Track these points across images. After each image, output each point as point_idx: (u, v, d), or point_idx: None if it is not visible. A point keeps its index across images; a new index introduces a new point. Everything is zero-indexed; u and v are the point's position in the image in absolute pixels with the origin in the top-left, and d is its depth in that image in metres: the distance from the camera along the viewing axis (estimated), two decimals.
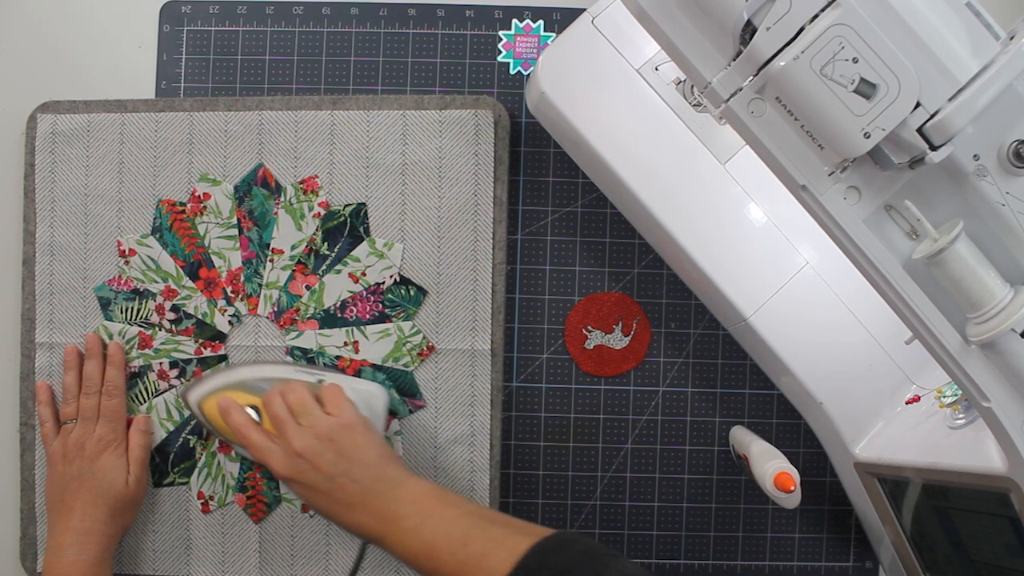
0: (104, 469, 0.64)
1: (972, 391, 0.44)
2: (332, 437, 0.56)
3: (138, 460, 0.66)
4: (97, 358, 0.67)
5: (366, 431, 0.57)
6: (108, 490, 0.63)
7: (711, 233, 0.62)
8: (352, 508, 0.54)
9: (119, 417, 0.66)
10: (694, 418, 0.70)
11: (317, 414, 0.58)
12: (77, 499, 0.63)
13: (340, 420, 0.57)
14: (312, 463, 0.55)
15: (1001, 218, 0.41)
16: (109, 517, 0.63)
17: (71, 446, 0.64)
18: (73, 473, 0.63)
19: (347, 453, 0.56)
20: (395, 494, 0.54)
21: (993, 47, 0.39)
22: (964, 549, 0.56)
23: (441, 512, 0.53)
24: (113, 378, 0.66)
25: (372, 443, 0.57)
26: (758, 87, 0.40)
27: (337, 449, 0.56)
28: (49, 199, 0.68)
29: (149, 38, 0.70)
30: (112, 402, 0.66)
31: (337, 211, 0.68)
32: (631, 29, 0.60)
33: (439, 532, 0.52)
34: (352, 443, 0.56)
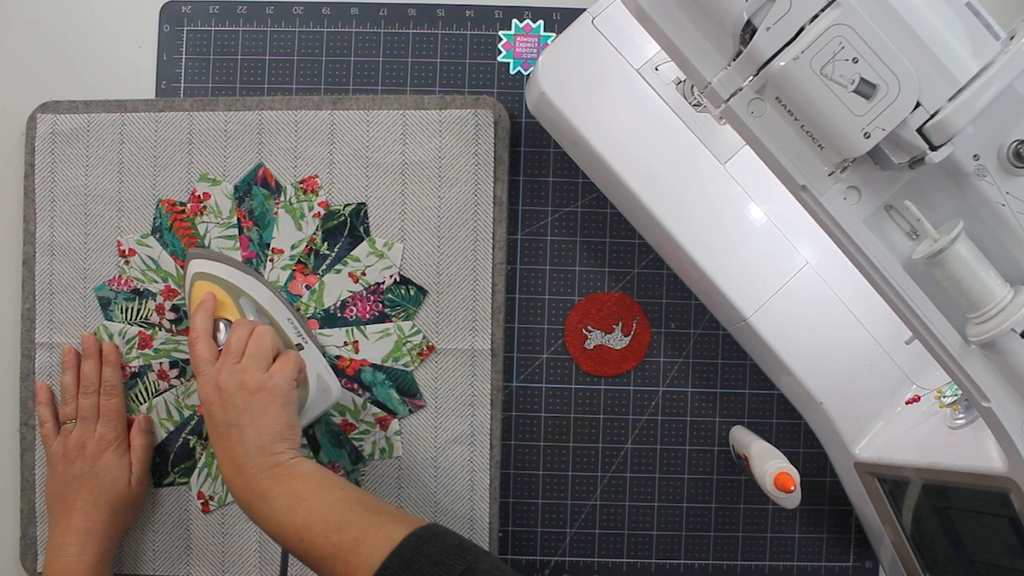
0: (106, 469, 0.64)
1: (972, 391, 0.44)
2: (252, 391, 0.56)
3: (140, 460, 0.66)
4: (94, 358, 0.67)
5: (283, 405, 0.56)
6: (110, 490, 0.63)
7: (711, 233, 0.62)
8: (233, 466, 0.54)
9: (119, 416, 0.66)
10: (694, 418, 0.70)
11: (259, 365, 0.57)
12: (78, 499, 0.63)
13: (268, 381, 0.57)
14: (221, 403, 0.56)
15: (1001, 218, 0.41)
16: (111, 517, 0.63)
17: (72, 446, 0.64)
18: (74, 473, 0.63)
19: (251, 412, 0.55)
20: (273, 471, 0.54)
21: (993, 47, 0.39)
22: (964, 549, 0.56)
23: (317, 496, 0.53)
24: (110, 377, 0.66)
25: (280, 418, 0.56)
26: (758, 87, 0.40)
27: (247, 404, 0.55)
28: (49, 199, 0.68)
29: (149, 38, 0.70)
30: (111, 401, 0.66)
31: (337, 211, 0.68)
32: (631, 29, 0.60)
33: (314, 515, 0.51)
34: (263, 408, 0.55)
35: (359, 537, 0.50)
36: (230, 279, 0.64)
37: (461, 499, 0.68)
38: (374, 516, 0.52)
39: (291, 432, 0.56)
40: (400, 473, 0.68)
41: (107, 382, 0.66)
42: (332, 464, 0.68)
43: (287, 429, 0.56)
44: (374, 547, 0.49)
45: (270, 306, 0.64)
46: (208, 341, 0.59)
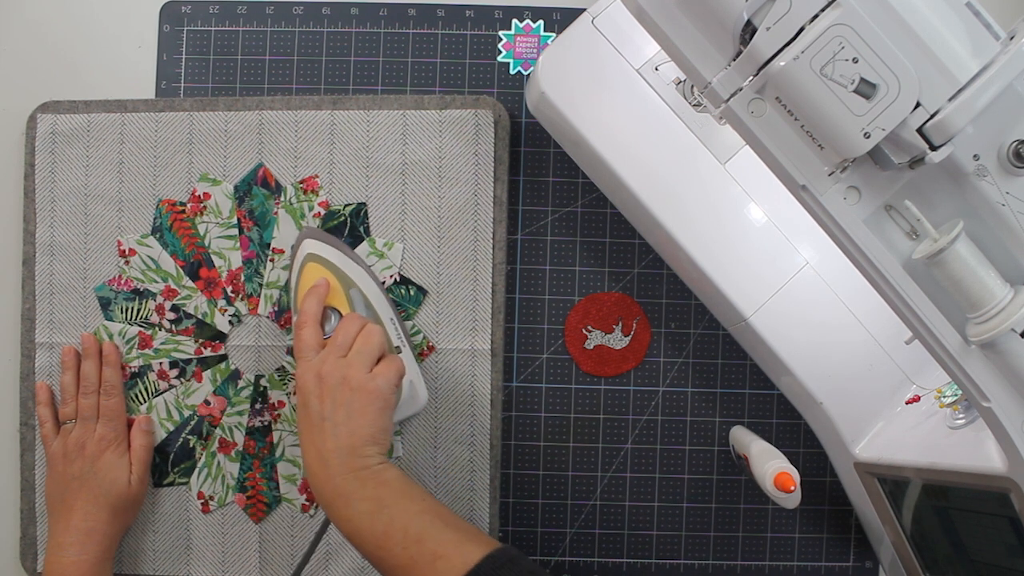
0: (106, 468, 0.64)
1: (972, 391, 0.44)
2: (353, 389, 0.55)
3: (140, 460, 0.66)
4: (94, 358, 0.67)
5: (382, 409, 0.56)
6: (110, 490, 0.63)
7: (711, 233, 0.62)
8: (319, 460, 0.54)
9: (119, 416, 0.66)
10: (694, 418, 0.70)
11: (364, 363, 0.57)
12: (78, 499, 0.63)
13: (371, 383, 0.56)
14: (320, 393, 0.55)
15: (1001, 218, 0.41)
16: (111, 517, 0.63)
17: (71, 446, 0.64)
18: (74, 473, 0.63)
19: (349, 410, 0.55)
20: (360, 473, 0.54)
21: (993, 47, 0.39)
22: (964, 549, 0.56)
23: (399, 505, 0.53)
24: (110, 377, 0.66)
25: (376, 422, 0.56)
26: (758, 87, 0.40)
27: (347, 401, 0.55)
28: (49, 199, 0.68)
29: (149, 38, 0.70)
30: (111, 401, 0.66)
31: (337, 211, 0.68)
32: (631, 29, 0.60)
33: (395, 524, 0.52)
34: (361, 408, 0.55)
35: (437, 552, 0.50)
36: (343, 268, 0.63)
37: (461, 499, 0.68)
38: (453, 533, 0.52)
39: (384, 436, 0.56)
40: None
41: (107, 382, 0.66)
42: None
43: (380, 433, 0.56)
44: (450, 565, 0.49)
45: (377, 303, 0.64)
46: (316, 328, 0.59)
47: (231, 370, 0.68)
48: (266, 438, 0.68)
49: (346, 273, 0.63)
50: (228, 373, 0.68)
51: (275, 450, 0.68)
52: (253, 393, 0.68)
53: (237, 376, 0.68)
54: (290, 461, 0.68)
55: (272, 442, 0.68)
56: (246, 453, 0.68)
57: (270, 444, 0.68)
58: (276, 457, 0.68)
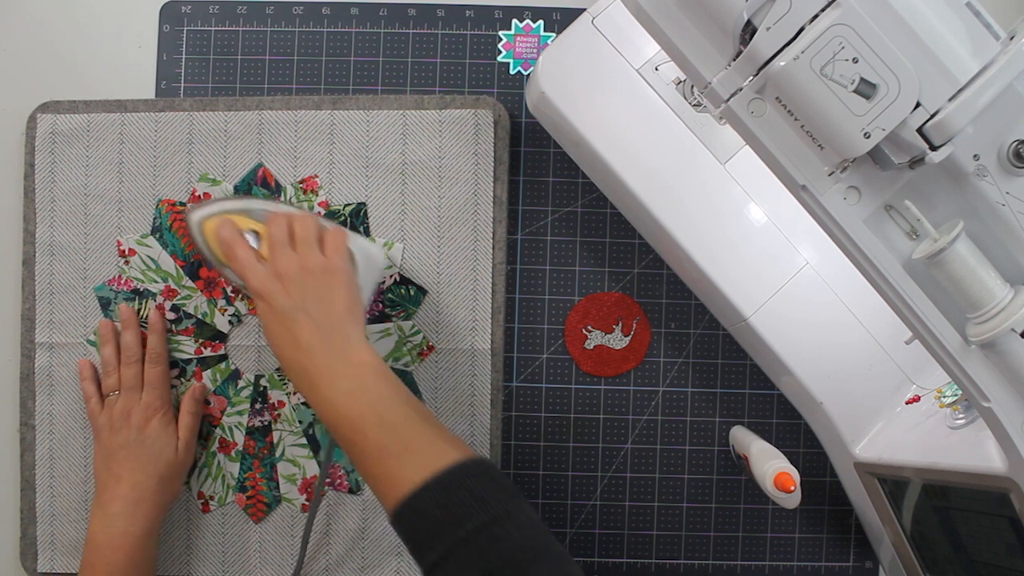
0: (153, 436, 0.63)
1: (972, 391, 0.44)
2: (314, 273, 0.55)
3: (188, 427, 0.65)
4: (134, 328, 0.66)
5: (347, 283, 0.56)
6: (158, 457, 0.63)
7: (711, 233, 0.62)
8: (300, 348, 0.53)
9: (164, 384, 0.65)
10: (694, 418, 0.70)
11: (313, 248, 0.57)
12: (124, 467, 0.62)
13: (329, 262, 0.56)
14: (286, 288, 0.55)
15: (1001, 218, 0.41)
16: (159, 485, 0.62)
17: (117, 416, 0.63)
18: (120, 442, 0.63)
19: (320, 293, 0.55)
20: (344, 348, 0.53)
21: (993, 47, 0.39)
22: (964, 549, 0.56)
23: (381, 389, 0.52)
24: (155, 345, 0.66)
25: (347, 296, 0.55)
26: (758, 87, 0.40)
27: (313, 286, 0.55)
28: (49, 199, 0.68)
29: (149, 38, 0.70)
30: (156, 369, 0.65)
31: (337, 211, 0.68)
32: (631, 29, 0.60)
33: (374, 407, 0.51)
34: (327, 286, 0.55)
35: (409, 446, 0.49)
36: (233, 206, 0.62)
37: None
38: (430, 429, 0.51)
39: (357, 308, 0.56)
40: None
41: (152, 350, 0.65)
42: (333, 464, 0.68)
43: (354, 306, 0.56)
44: (420, 462, 0.48)
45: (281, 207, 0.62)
46: (246, 246, 0.58)
47: (231, 370, 0.68)
48: (266, 438, 0.68)
49: (235, 207, 0.62)
50: (228, 373, 0.68)
51: (275, 450, 0.68)
52: (253, 393, 0.68)
53: (237, 376, 0.68)
54: (290, 461, 0.68)
55: (272, 442, 0.68)
56: (246, 453, 0.68)
57: (270, 444, 0.68)
58: (276, 457, 0.68)
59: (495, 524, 0.46)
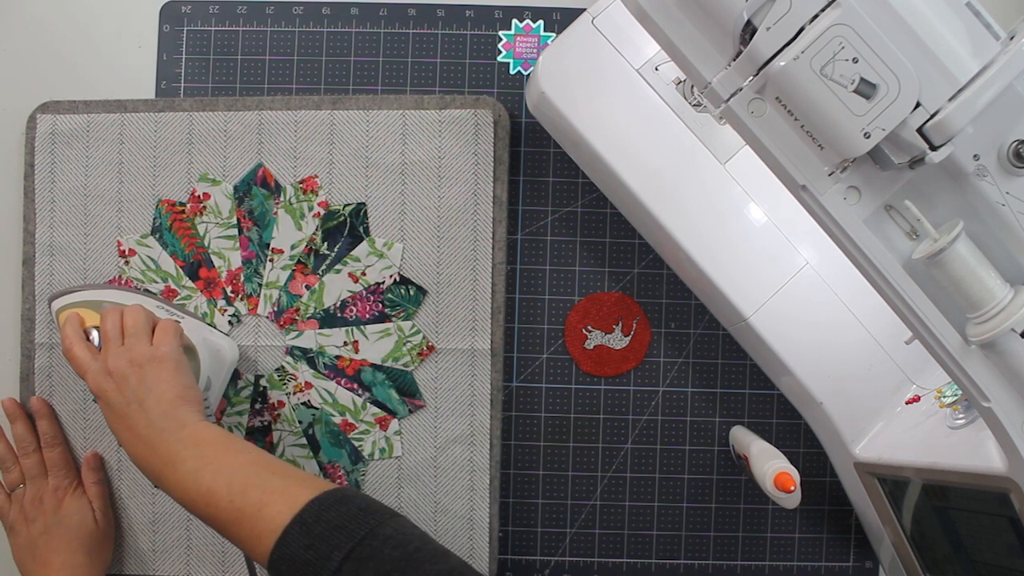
0: (71, 513, 0.64)
1: (972, 391, 0.44)
2: (142, 364, 0.56)
3: (98, 496, 0.66)
4: (22, 419, 0.66)
5: (175, 368, 0.57)
6: (80, 532, 0.63)
7: (711, 233, 0.62)
8: (139, 440, 0.54)
9: (67, 464, 0.66)
10: (694, 418, 0.70)
11: (142, 340, 0.58)
12: (52, 552, 0.62)
13: (155, 351, 0.57)
14: (117, 384, 0.56)
15: (1001, 218, 0.41)
16: (88, 560, 0.63)
17: (29, 506, 0.64)
18: (40, 530, 0.63)
19: (148, 383, 0.55)
20: (179, 434, 0.53)
21: (993, 47, 0.39)
22: (964, 549, 0.56)
23: (223, 459, 0.52)
24: (48, 429, 0.66)
25: (176, 382, 0.56)
26: (758, 87, 0.40)
27: (141, 377, 0.56)
28: (49, 199, 0.68)
29: (149, 38, 0.70)
30: (55, 452, 0.65)
31: (337, 211, 0.68)
32: (631, 29, 0.60)
33: (219, 479, 0.51)
34: (156, 376, 0.56)
35: (263, 500, 0.49)
36: (90, 297, 0.64)
37: (461, 499, 0.68)
38: (280, 480, 0.51)
39: (191, 393, 0.57)
40: (400, 473, 0.68)
41: (45, 435, 0.66)
42: (332, 464, 0.68)
43: (186, 391, 0.56)
44: (276, 511, 0.48)
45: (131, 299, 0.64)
46: (83, 343, 0.59)
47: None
48: (266, 438, 0.68)
49: (93, 300, 0.64)
50: None
51: (275, 450, 0.68)
52: (253, 393, 0.68)
53: (237, 376, 0.68)
54: (290, 461, 0.68)
55: (272, 442, 0.68)
56: None
57: (270, 444, 0.68)
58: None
59: (361, 546, 0.46)
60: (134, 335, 0.58)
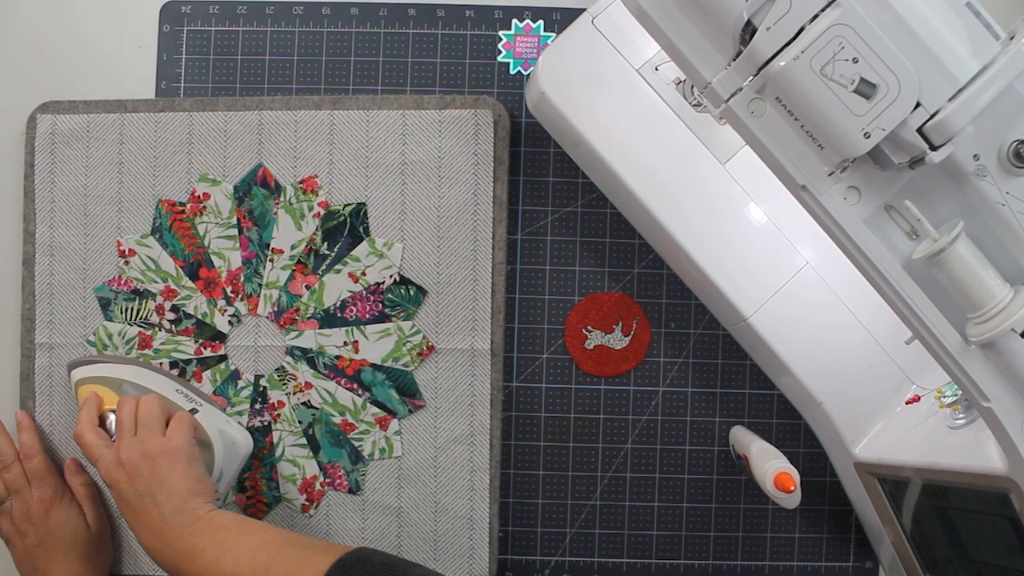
0: (62, 522, 0.63)
1: (972, 391, 0.44)
2: (154, 457, 0.57)
3: (88, 498, 0.66)
4: (1, 433, 0.66)
5: (187, 462, 0.58)
6: (75, 540, 0.63)
7: (711, 233, 0.62)
8: (153, 534, 0.55)
9: (49, 473, 0.65)
10: (694, 418, 0.70)
11: (154, 432, 0.58)
12: (51, 562, 0.62)
13: (168, 444, 0.58)
14: (129, 476, 0.56)
15: (1001, 218, 0.41)
16: (88, 565, 0.63)
17: (19, 520, 0.63)
18: (33, 542, 0.63)
19: (160, 477, 0.56)
20: (193, 527, 0.54)
21: (993, 47, 0.39)
22: (964, 549, 0.56)
23: (241, 542, 0.53)
24: (27, 441, 0.66)
25: (188, 475, 0.57)
26: (758, 87, 0.40)
27: (153, 470, 0.56)
28: (49, 199, 0.68)
29: (149, 38, 0.70)
30: (34, 462, 0.65)
31: (337, 211, 0.68)
32: (631, 29, 0.60)
33: (241, 562, 0.52)
34: (168, 469, 0.56)
35: (287, 574, 0.50)
36: (110, 374, 0.64)
37: (461, 499, 0.68)
38: (300, 551, 0.52)
39: (203, 486, 0.57)
40: (400, 473, 0.68)
41: (25, 446, 0.66)
42: (332, 464, 0.68)
43: (198, 484, 0.57)
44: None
45: (156, 384, 0.64)
46: (96, 430, 0.60)
47: (231, 370, 0.68)
48: (266, 438, 0.68)
49: (113, 377, 0.64)
50: (228, 373, 0.68)
51: (275, 450, 0.68)
52: (253, 393, 0.68)
53: (237, 376, 0.68)
54: (290, 461, 0.68)
55: (272, 442, 0.68)
56: None
57: (270, 444, 0.68)
58: (276, 457, 0.68)
59: None
60: (147, 426, 0.58)
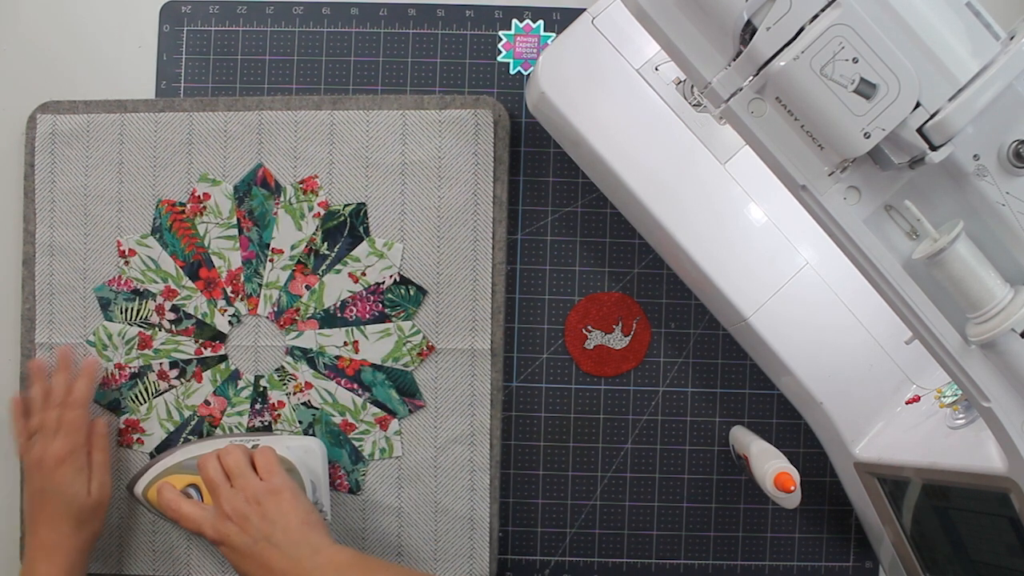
0: (63, 484, 0.62)
1: (972, 391, 0.44)
2: (259, 500, 0.57)
3: (101, 464, 0.65)
4: (64, 371, 0.66)
5: (293, 496, 0.58)
6: (71, 503, 0.62)
7: (711, 233, 0.62)
8: (274, 574, 0.55)
9: (77, 430, 0.64)
10: (694, 418, 0.70)
11: (249, 477, 0.59)
12: (42, 513, 0.62)
13: (268, 484, 0.58)
14: (239, 526, 0.56)
15: (1001, 218, 0.41)
16: (74, 529, 0.62)
17: (33, 461, 0.63)
18: (36, 488, 0.63)
19: (271, 517, 0.56)
20: (315, 560, 0.54)
21: (993, 47, 0.39)
22: (964, 549, 0.56)
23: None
24: (77, 390, 0.65)
25: (297, 509, 0.57)
26: (758, 87, 0.40)
27: (262, 513, 0.56)
28: (49, 199, 0.68)
29: (149, 38, 0.70)
30: (72, 414, 0.64)
31: (337, 211, 0.68)
32: (631, 29, 0.60)
33: None
34: (277, 508, 0.57)
35: None
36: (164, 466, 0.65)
37: (461, 499, 0.68)
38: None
39: (314, 517, 0.58)
40: (400, 473, 0.68)
41: (72, 394, 0.65)
42: (332, 464, 0.68)
43: (309, 515, 0.57)
44: None
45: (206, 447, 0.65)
46: (187, 500, 0.61)
47: (231, 370, 0.68)
48: None
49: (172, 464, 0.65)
50: (228, 373, 0.68)
51: None
52: (253, 393, 0.68)
53: (237, 376, 0.68)
54: None
55: None
56: None
57: None
58: None
59: None
60: (241, 475, 0.59)
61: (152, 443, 0.68)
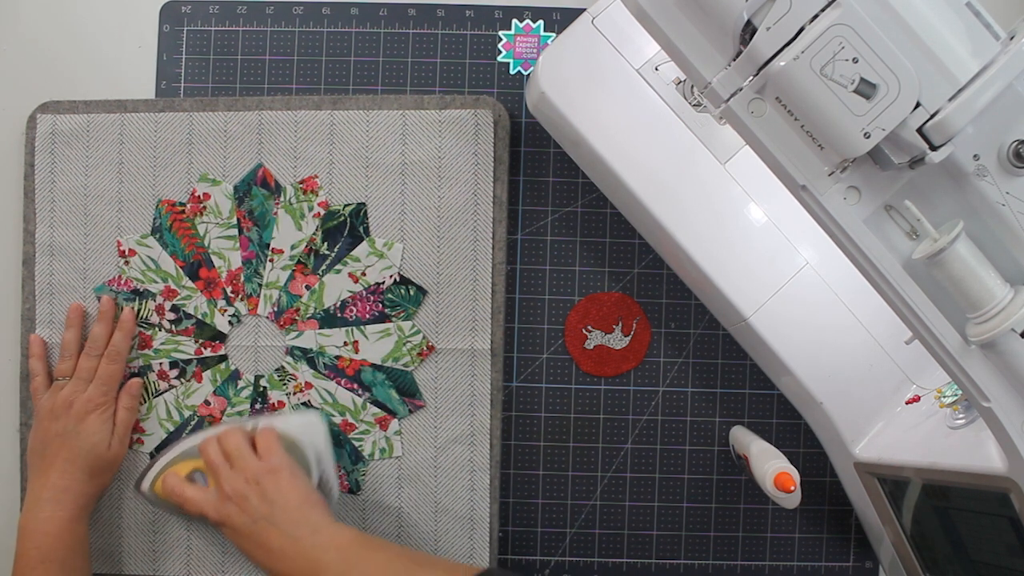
0: (89, 431, 0.63)
1: (972, 391, 0.44)
2: (259, 480, 0.57)
3: (124, 422, 0.66)
4: (107, 321, 0.66)
5: (291, 476, 0.58)
6: (91, 451, 0.63)
7: (711, 233, 0.62)
8: (273, 554, 0.55)
9: (114, 383, 0.65)
10: (694, 418, 0.70)
11: (249, 458, 0.59)
12: (58, 456, 0.63)
13: (267, 464, 0.58)
14: (239, 506, 0.57)
15: (1001, 218, 0.41)
16: (88, 477, 0.63)
17: (60, 403, 0.64)
18: (58, 430, 0.63)
19: (270, 497, 0.56)
20: (315, 540, 0.54)
21: (993, 47, 0.39)
22: (964, 549, 0.56)
23: (367, 558, 0.54)
24: (119, 343, 0.66)
25: (296, 488, 0.57)
26: (758, 87, 0.40)
27: (261, 492, 0.57)
28: (49, 199, 0.68)
29: (149, 38, 0.70)
30: (112, 367, 0.65)
31: (337, 211, 0.68)
32: (631, 29, 0.60)
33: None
34: (275, 487, 0.57)
35: None
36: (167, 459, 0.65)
37: (461, 499, 0.68)
38: (428, 571, 0.53)
39: (314, 496, 0.58)
40: (400, 473, 0.68)
41: (114, 347, 0.66)
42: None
43: (309, 495, 0.58)
44: None
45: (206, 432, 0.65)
46: (190, 485, 0.61)
47: (231, 370, 0.68)
48: None
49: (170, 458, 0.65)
50: (228, 373, 0.68)
51: None
52: (253, 393, 0.68)
53: (237, 376, 0.68)
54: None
55: None
56: None
57: None
58: None
59: None
60: (240, 456, 0.59)
61: (152, 443, 0.68)
